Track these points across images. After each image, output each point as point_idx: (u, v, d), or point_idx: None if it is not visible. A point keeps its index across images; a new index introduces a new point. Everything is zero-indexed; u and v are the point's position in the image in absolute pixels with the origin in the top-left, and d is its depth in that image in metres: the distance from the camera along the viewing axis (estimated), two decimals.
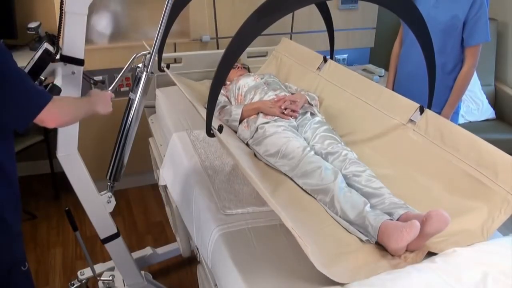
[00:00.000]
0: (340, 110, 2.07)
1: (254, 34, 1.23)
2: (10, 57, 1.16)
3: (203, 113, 1.41)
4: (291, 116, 1.97)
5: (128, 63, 1.77)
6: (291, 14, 2.89)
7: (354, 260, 1.28)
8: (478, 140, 1.49)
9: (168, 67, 2.29)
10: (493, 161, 1.41)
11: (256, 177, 1.31)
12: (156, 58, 2.18)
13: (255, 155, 1.87)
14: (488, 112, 3.27)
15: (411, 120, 1.72)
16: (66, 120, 1.32)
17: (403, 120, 1.75)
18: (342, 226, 1.44)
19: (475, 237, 1.33)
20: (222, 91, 2.30)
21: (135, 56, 1.78)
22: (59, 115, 1.26)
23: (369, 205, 1.45)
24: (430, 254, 1.30)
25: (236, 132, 2.03)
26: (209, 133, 1.40)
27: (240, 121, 2.03)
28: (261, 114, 1.98)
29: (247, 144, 1.94)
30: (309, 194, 1.61)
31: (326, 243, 1.34)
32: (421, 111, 1.70)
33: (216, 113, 2.13)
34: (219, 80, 1.30)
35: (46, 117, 1.20)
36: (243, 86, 2.23)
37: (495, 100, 3.36)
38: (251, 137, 1.91)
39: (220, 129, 1.42)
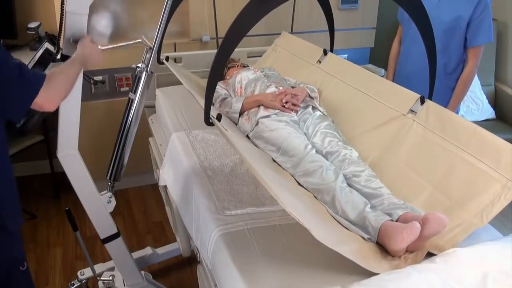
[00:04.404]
0: (340, 102, 2.07)
1: (256, 18, 1.22)
2: (1, 49, 1.15)
3: (202, 102, 1.40)
4: (292, 110, 1.96)
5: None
6: (291, 14, 2.89)
7: (360, 250, 1.28)
8: (479, 129, 1.49)
9: (167, 59, 2.28)
10: (494, 149, 1.42)
11: (254, 162, 1.30)
12: (156, 58, 2.19)
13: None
14: (488, 112, 3.27)
15: (411, 111, 1.72)
16: (62, 97, 1.30)
17: (403, 110, 1.75)
18: (343, 226, 1.44)
19: (473, 226, 1.34)
20: (222, 85, 2.30)
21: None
22: (55, 97, 1.24)
23: (369, 205, 1.45)
24: (430, 254, 1.30)
25: (236, 124, 2.03)
26: (208, 121, 1.40)
27: (241, 114, 2.02)
28: (262, 107, 1.96)
29: (247, 137, 1.93)
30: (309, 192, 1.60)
31: (329, 235, 1.34)
32: (422, 101, 1.70)
33: (216, 105, 2.12)
34: (218, 65, 1.29)
35: (44, 102, 1.20)
36: (243, 79, 2.22)
37: (495, 100, 3.36)
38: (251, 130, 1.91)
39: (219, 117, 1.41)
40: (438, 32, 1.67)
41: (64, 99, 1.32)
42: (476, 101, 3.23)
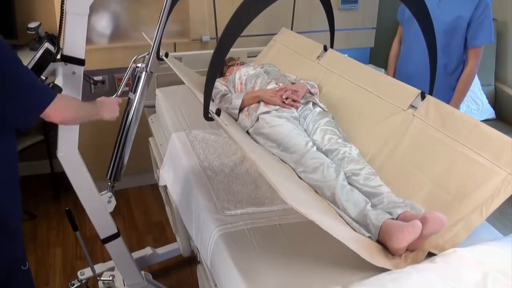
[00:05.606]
0: (340, 97, 2.07)
1: (254, 12, 1.22)
2: (15, 54, 1.17)
3: (201, 98, 1.40)
4: (292, 106, 1.96)
5: (129, 66, 1.76)
6: (291, 14, 2.89)
7: (364, 244, 1.28)
8: (480, 124, 1.50)
9: (167, 55, 2.28)
10: (495, 144, 1.42)
11: (254, 155, 1.30)
12: (156, 58, 2.18)
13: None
14: (488, 112, 3.27)
15: (412, 106, 1.73)
16: (71, 117, 1.34)
17: (404, 106, 1.75)
18: (346, 222, 1.43)
19: (473, 224, 1.34)
20: (222, 81, 2.29)
21: (136, 57, 1.78)
22: (64, 111, 1.28)
23: (370, 204, 1.46)
24: (430, 254, 1.30)
25: (236, 120, 2.02)
26: (207, 116, 1.39)
27: (241, 110, 2.01)
28: (262, 103, 1.96)
29: (247, 133, 1.93)
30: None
31: (333, 226, 1.33)
32: (423, 97, 1.70)
33: (216, 101, 2.12)
34: (217, 58, 1.28)
35: (53, 113, 1.22)
36: (243, 74, 2.21)
37: (495, 100, 3.36)
38: (251, 126, 1.91)
39: (218, 112, 1.41)
40: (438, 32, 1.67)
41: (70, 121, 1.37)
42: (476, 101, 3.23)
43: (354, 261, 1.22)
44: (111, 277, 2.01)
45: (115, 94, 1.66)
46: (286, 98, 1.95)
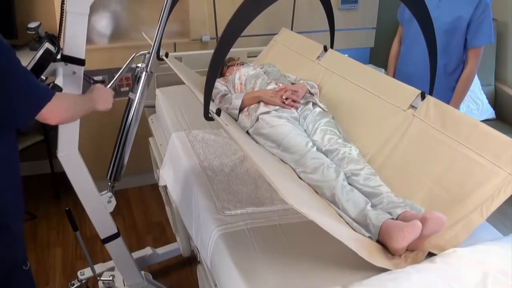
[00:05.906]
0: (340, 98, 2.07)
1: (255, 11, 1.22)
2: (13, 54, 1.17)
3: (202, 98, 1.40)
4: (292, 106, 1.96)
5: (128, 61, 1.76)
6: (291, 14, 2.89)
7: (364, 244, 1.28)
8: (480, 124, 1.50)
9: (167, 55, 2.28)
10: (494, 144, 1.42)
11: (255, 155, 1.30)
12: (156, 59, 2.18)
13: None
14: (488, 112, 3.27)
15: (412, 106, 1.73)
16: (68, 117, 1.33)
17: (404, 106, 1.75)
18: (346, 222, 1.43)
19: (473, 224, 1.34)
20: (222, 81, 2.29)
21: (134, 55, 1.78)
22: (61, 112, 1.26)
23: (370, 204, 1.46)
24: (431, 254, 1.30)
25: (236, 120, 2.02)
26: (207, 116, 1.39)
27: (241, 110, 2.01)
28: (262, 103, 1.96)
29: (247, 133, 1.93)
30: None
31: (333, 226, 1.33)
32: (423, 97, 1.70)
33: (216, 101, 2.12)
34: (218, 58, 1.28)
35: (49, 114, 1.21)
36: (243, 75, 2.21)
37: (495, 100, 3.36)
38: (251, 126, 1.91)
39: (218, 112, 1.41)
40: (438, 32, 1.68)
41: (67, 121, 1.36)
42: (476, 101, 3.23)
43: (354, 261, 1.22)
44: (111, 277, 2.01)
45: (109, 85, 1.63)
46: (286, 99, 1.95)
